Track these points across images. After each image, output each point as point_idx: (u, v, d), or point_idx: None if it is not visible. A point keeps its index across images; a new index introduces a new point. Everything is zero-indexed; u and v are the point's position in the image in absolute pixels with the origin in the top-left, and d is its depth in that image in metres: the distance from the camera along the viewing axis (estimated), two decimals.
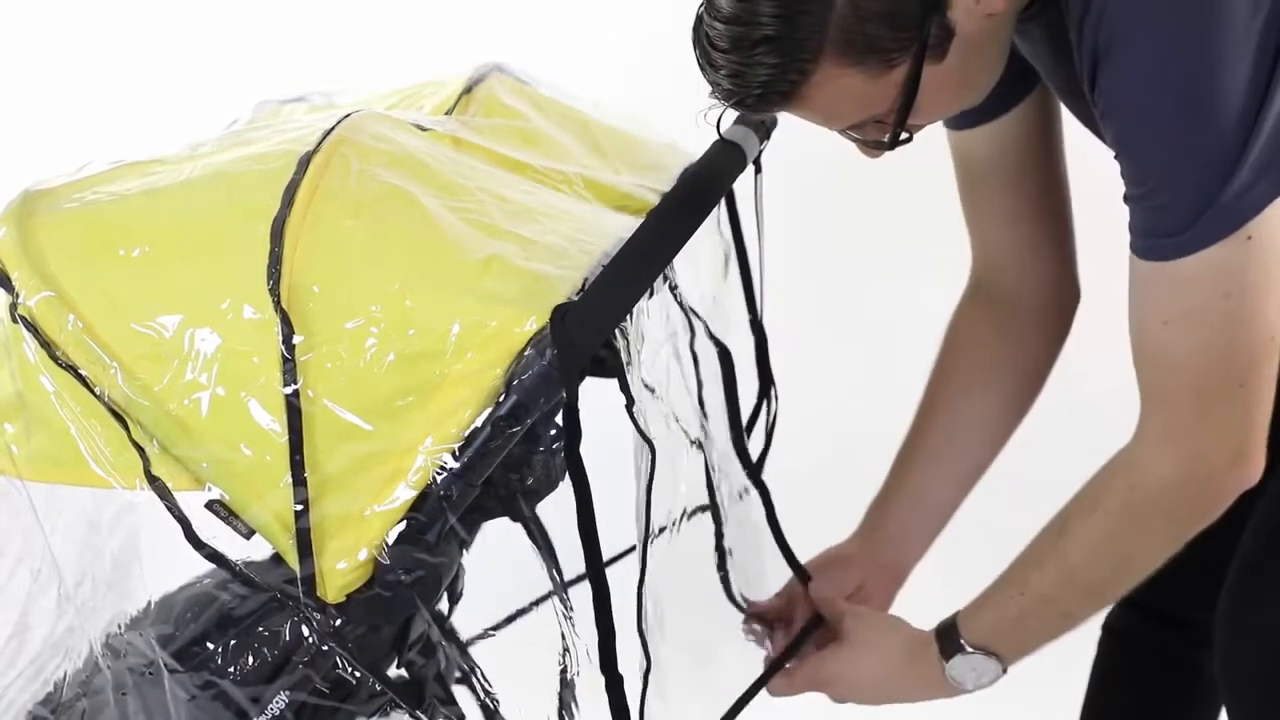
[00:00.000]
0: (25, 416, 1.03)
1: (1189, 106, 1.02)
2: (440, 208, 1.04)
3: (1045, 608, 1.18)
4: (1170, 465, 1.11)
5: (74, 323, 1.01)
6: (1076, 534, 1.16)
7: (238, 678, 1.06)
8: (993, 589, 1.22)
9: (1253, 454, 1.11)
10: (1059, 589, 1.17)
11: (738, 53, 1.02)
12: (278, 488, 1.00)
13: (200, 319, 1.00)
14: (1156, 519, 1.13)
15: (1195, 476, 1.11)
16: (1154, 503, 1.12)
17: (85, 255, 1.03)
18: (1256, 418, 1.10)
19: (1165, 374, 1.10)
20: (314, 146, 1.03)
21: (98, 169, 1.09)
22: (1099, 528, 1.15)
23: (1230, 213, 1.03)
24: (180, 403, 1.00)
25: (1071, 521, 1.17)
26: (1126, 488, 1.13)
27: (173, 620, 1.08)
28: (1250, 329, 1.07)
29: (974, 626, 1.22)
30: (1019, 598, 1.19)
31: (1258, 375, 1.08)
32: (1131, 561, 1.16)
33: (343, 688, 1.07)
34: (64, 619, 1.06)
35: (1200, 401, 1.09)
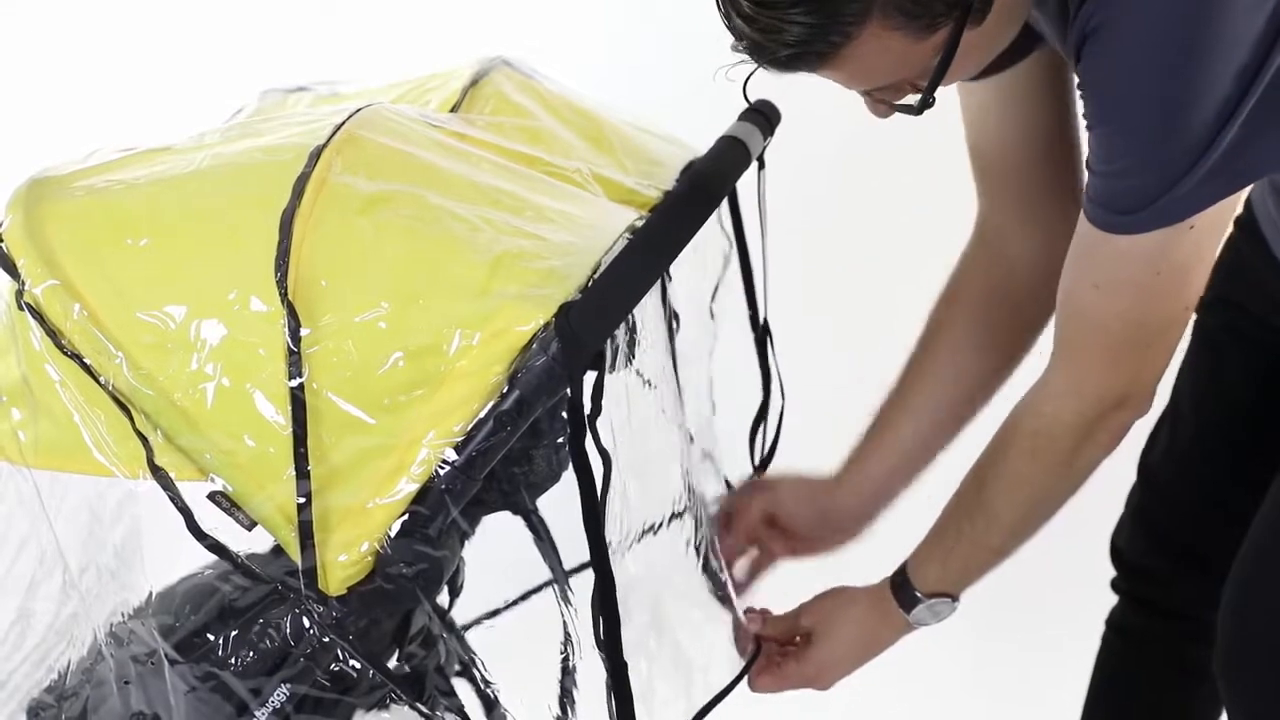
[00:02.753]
0: (30, 403, 1.03)
1: (1166, 100, 1.04)
2: (449, 205, 1.04)
3: (981, 551, 1.27)
4: (1072, 413, 1.18)
5: (79, 311, 1.01)
6: (991, 483, 1.24)
7: (238, 669, 1.06)
8: (932, 540, 1.30)
9: (1147, 397, 1.19)
10: (988, 533, 1.26)
11: (774, 9, 0.99)
12: (281, 480, 1.00)
13: (207, 309, 1.00)
14: (1060, 460, 1.21)
15: (1094, 421, 1.18)
16: (1057, 446, 1.20)
17: (92, 243, 1.03)
18: (1156, 370, 1.18)
19: (1083, 331, 1.17)
20: (324, 140, 1.03)
21: (105, 156, 1.09)
22: (1010, 473, 1.23)
23: (1182, 205, 1.07)
24: (185, 393, 1.00)
25: (985, 470, 1.25)
26: (1031, 434, 1.21)
27: (174, 611, 1.08)
28: (1172, 301, 1.14)
29: (923, 578, 1.29)
30: (955, 547, 1.27)
31: (1166, 339, 1.17)
32: (1044, 499, 1.24)
33: (343, 680, 1.07)
34: (68, 606, 1.06)
35: (1109, 358, 1.16)
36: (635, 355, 1.20)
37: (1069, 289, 1.17)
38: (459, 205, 1.05)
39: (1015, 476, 1.23)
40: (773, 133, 1.28)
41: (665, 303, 1.23)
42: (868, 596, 1.33)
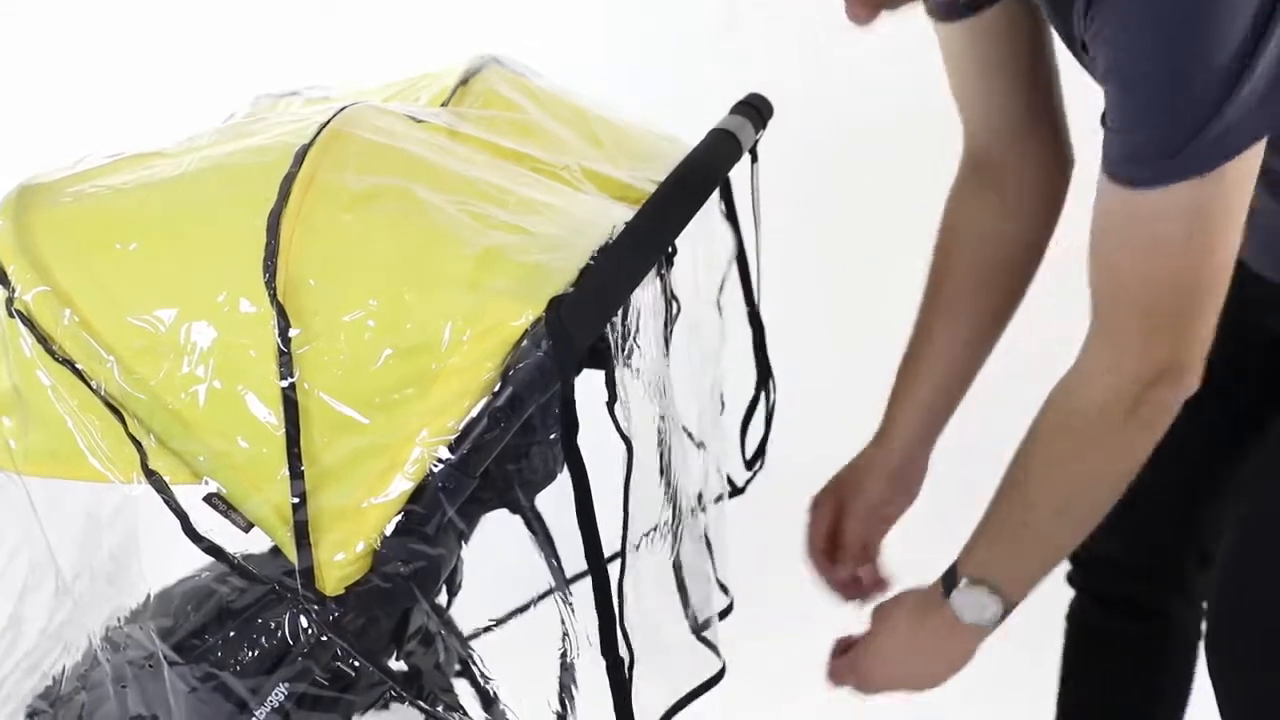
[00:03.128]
0: (22, 411, 1.03)
1: (1184, 42, 1.01)
2: (436, 200, 1.04)
3: (1027, 538, 1.21)
4: (1110, 390, 1.14)
5: (70, 317, 1.01)
6: (1032, 467, 1.19)
7: (237, 669, 1.06)
8: (980, 524, 1.24)
9: (1192, 370, 1.13)
10: (1031, 518, 1.20)
11: None
12: (275, 481, 1.00)
13: (196, 312, 1.00)
14: (1099, 442, 1.16)
15: (1134, 400, 1.13)
16: (1096, 428, 1.15)
17: (81, 249, 1.03)
18: (1199, 340, 1.12)
19: (1116, 304, 1.13)
20: (310, 139, 1.03)
21: (94, 162, 1.09)
22: (1048, 456, 1.18)
23: (1211, 151, 1.04)
24: (177, 396, 1.00)
25: (1026, 454, 1.20)
26: (1068, 413, 1.17)
27: (172, 613, 1.08)
28: (1207, 261, 1.09)
29: (968, 560, 1.24)
30: (1001, 531, 1.22)
31: (1202, 305, 1.11)
32: (1088, 484, 1.19)
33: (343, 678, 1.07)
34: (60, 612, 1.06)
35: (1145, 329, 1.11)
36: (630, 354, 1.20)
37: (1098, 261, 1.13)
38: (446, 199, 1.05)
39: (1054, 459, 1.19)
40: (765, 125, 1.27)
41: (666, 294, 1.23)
42: (917, 593, 1.31)
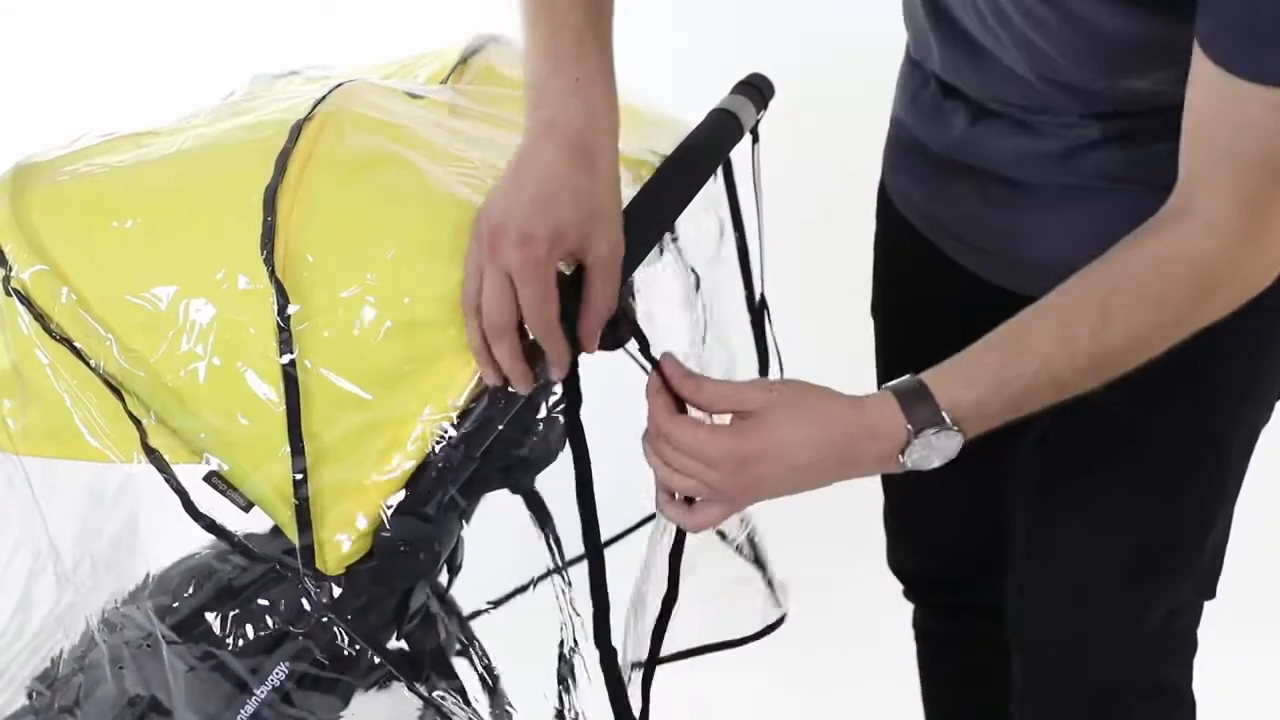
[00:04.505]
0: (21, 390, 1.03)
1: None
2: (432, 173, 1.04)
3: (1051, 390, 1.01)
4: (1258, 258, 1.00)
5: (67, 295, 1.00)
6: (1125, 324, 0.99)
7: (237, 649, 1.05)
8: (989, 368, 1.01)
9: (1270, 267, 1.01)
10: (1080, 375, 1.01)
11: None
12: (275, 459, 1.00)
13: (195, 289, 1.00)
14: (1217, 300, 1.01)
15: (1230, 262, 0.99)
16: (1228, 290, 1.00)
17: (78, 227, 1.02)
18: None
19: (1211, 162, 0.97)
20: (306, 115, 1.03)
21: (91, 141, 1.09)
22: (1156, 318, 1.00)
23: None
24: (176, 374, 1.00)
25: (1118, 312, 0.99)
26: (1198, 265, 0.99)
27: (171, 592, 1.08)
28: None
29: (958, 400, 1.00)
30: (1026, 378, 1.00)
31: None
32: (1169, 343, 1.02)
33: (342, 659, 1.06)
34: (65, 595, 1.06)
35: (1248, 196, 0.97)
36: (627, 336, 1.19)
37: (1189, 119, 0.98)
38: (443, 174, 1.04)
39: (1157, 323, 1.00)
40: (766, 106, 1.27)
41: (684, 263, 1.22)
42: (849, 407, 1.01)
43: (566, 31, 1.02)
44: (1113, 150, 1.02)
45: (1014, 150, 1.16)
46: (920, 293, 1.35)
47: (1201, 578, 1.28)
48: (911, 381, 1.01)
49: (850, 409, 1.00)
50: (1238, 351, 1.17)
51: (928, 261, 1.30)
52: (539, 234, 0.96)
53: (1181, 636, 1.31)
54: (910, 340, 1.37)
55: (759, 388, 1.03)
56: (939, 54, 1.19)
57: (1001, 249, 1.22)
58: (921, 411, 0.99)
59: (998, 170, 1.19)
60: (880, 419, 0.99)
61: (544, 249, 0.96)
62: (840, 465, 1.00)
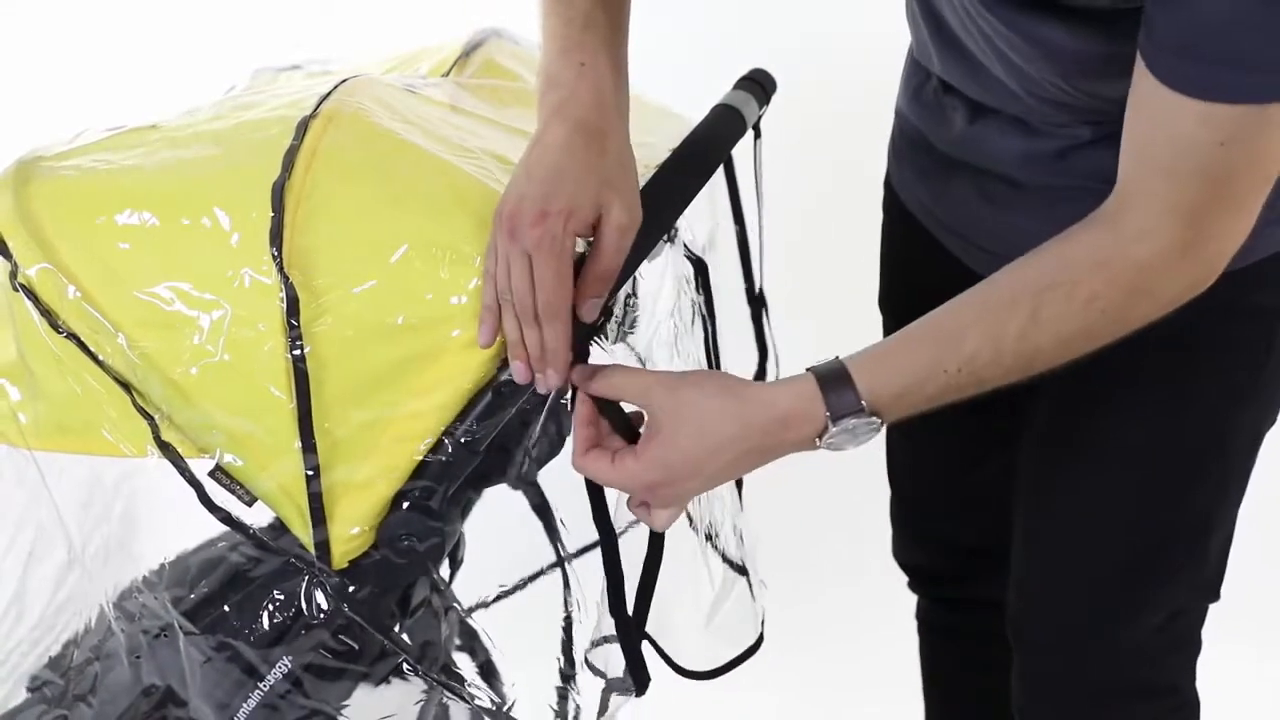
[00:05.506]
0: (31, 384, 1.03)
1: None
2: (436, 169, 1.04)
3: (973, 385, 1.01)
4: (1190, 271, 0.99)
5: (74, 292, 1.00)
6: (1053, 323, 0.99)
7: (250, 638, 1.06)
8: (915, 360, 1.01)
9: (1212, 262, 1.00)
10: (1003, 372, 1.01)
11: None
12: (283, 455, 1.00)
13: (202, 286, 1.00)
14: (1149, 305, 1.01)
15: (1160, 269, 0.99)
16: (1156, 299, 1.00)
17: (82, 223, 1.02)
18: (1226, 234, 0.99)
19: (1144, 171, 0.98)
20: (311, 111, 1.03)
21: (94, 136, 1.08)
22: (1085, 320, 1.00)
23: None
24: (185, 370, 1.00)
25: (1048, 309, 0.99)
26: (1132, 271, 0.99)
27: (186, 582, 1.08)
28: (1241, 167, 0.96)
29: (879, 388, 0.99)
30: (951, 373, 1.00)
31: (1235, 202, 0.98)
32: (1094, 346, 1.02)
33: (349, 650, 1.07)
34: (66, 585, 1.06)
35: (1181, 207, 0.97)
36: (632, 327, 1.20)
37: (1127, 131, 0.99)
38: (447, 170, 1.04)
39: (1086, 322, 0.99)
40: (769, 101, 1.27)
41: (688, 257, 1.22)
42: (760, 397, 1.00)
43: (577, 19, 1.03)
44: (1104, 151, 1.03)
45: (1011, 149, 1.17)
46: (925, 287, 1.35)
47: (1205, 579, 1.28)
48: (834, 365, 1.00)
49: (762, 405, 0.99)
50: (1241, 354, 1.18)
51: (932, 256, 1.30)
52: (553, 208, 0.96)
53: (1184, 637, 1.31)
54: None
55: (662, 385, 1.01)
56: (938, 60, 1.20)
57: (1002, 247, 1.23)
58: (843, 399, 0.98)
59: (997, 168, 1.19)
60: (797, 407, 0.99)
61: (559, 222, 0.96)
62: (759, 455, 1.00)
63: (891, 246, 1.40)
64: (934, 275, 1.32)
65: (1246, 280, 1.06)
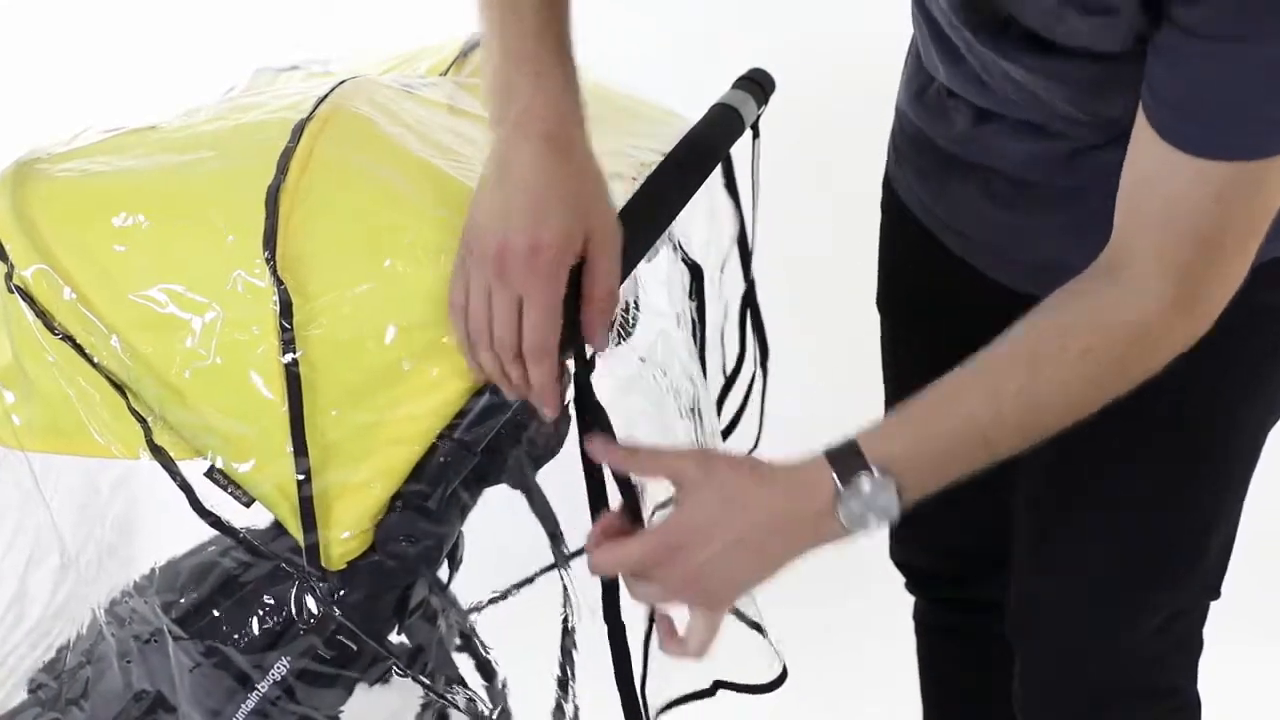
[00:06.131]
0: (25, 385, 1.03)
1: None
2: (433, 174, 1.04)
3: (981, 448, 1.00)
4: (1185, 327, 0.99)
5: (69, 293, 1.01)
6: (1052, 379, 0.99)
7: (241, 644, 1.06)
8: (916, 420, 1.01)
9: (1211, 313, 1.01)
10: (1008, 433, 1.00)
11: None
12: (278, 458, 1.00)
13: (197, 289, 1.00)
14: (1147, 361, 1.01)
15: (1157, 325, 0.99)
16: (1154, 355, 1.00)
17: (80, 225, 1.02)
18: (1220, 285, 1.00)
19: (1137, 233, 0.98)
20: (308, 114, 1.03)
21: (92, 138, 1.09)
22: (1083, 374, 0.99)
23: None
24: (179, 373, 1.00)
25: (1046, 366, 0.99)
26: (1128, 327, 0.99)
27: (177, 587, 1.08)
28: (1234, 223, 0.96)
29: (879, 446, 0.98)
30: (955, 432, 1.00)
31: (1227, 257, 0.99)
32: (1100, 402, 1.02)
33: (345, 654, 1.07)
34: (64, 587, 1.06)
35: (1163, 263, 0.98)
36: (632, 328, 1.20)
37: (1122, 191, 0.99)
38: (441, 176, 1.04)
39: (1086, 377, 0.99)
40: (767, 101, 1.27)
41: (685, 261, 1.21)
42: (773, 471, 0.99)
43: (528, 31, 1.00)
44: (1114, 153, 1.03)
45: (1020, 150, 1.16)
46: (924, 287, 1.35)
47: (1206, 578, 1.28)
48: (843, 439, 1.00)
49: (782, 472, 0.99)
50: (1246, 352, 1.17)
51: (931, 256, 1.30)
52: (543, 241, 0.94)
53: (1185, 638, 1.30)
54: (915, 335, 1.37)
55: (695, 457, 1.01)
56: (945, 75, 1.20)
57: (1004, 247, 1.22)
58: (848, 463, 0.97)
59: (1003, 168, 1.19)
60: (808, 475, 0.98)
61: (553, 258, 0.95)
62: (781, 532, 0.98)
63: (890, 246, 1.40)
64: (933, 275, 1.31)
65: (1254, 280, 1.05)
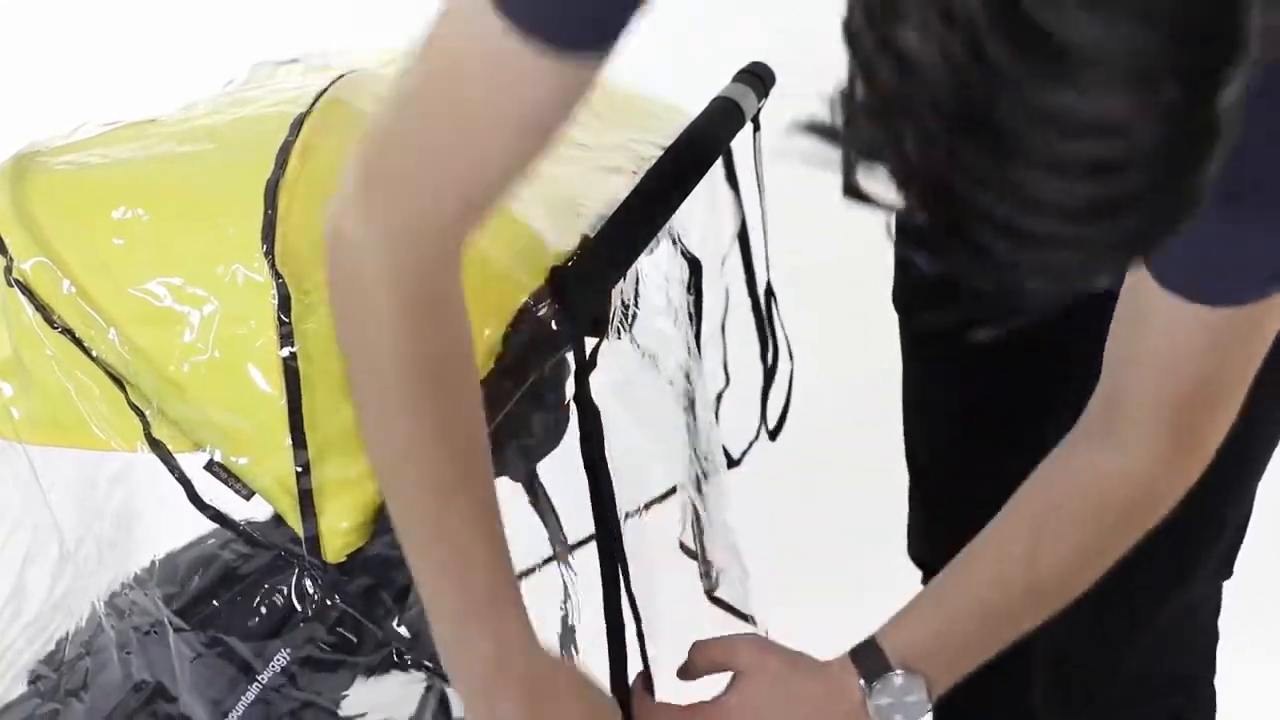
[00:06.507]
0: (24, 378, 1.03)
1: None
2: None
3: (1005, 624, 1.03)
4: (1183, 475, 0.99)
5: (69, 287, 1.01)
6: (1056, 548, 1.01)
7: (242, 634, 1.06)
8: (929, 611, 1.04)
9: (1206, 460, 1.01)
10: (1021, 607, 1.02)
11: None
12: (277, 451, 1.00)
13: (195, 283, 1.00)
14: (1148, 518, 1.02)
15: (1152, 489, 1.00)
16: (1155, 509, 1.01)
17: (79, 218, 1.03)
18: (1216, 433, 0.99)
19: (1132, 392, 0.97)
20: (307, 108, 1.03)
21: (91, 131, 1.09)
22: (1085, 545, 1.01)
23: None
24: (178, 367, 1.00)
25: (1049, 536, 1.01)
26: (1130, 501, 1.00)
27: (177, 580, 1.09)
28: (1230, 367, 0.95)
29: (900, 644, 1.02)
30: (970, 614, 1.03)
31: (1224, 402, 0.97)
32: (1102, 569, 1.03)
33: (346, 642, 1.07)
34: (62, 580, 1.06)
35: (1169, 422, 0.97)
36: (632, 323, 1.20)
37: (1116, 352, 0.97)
38: None
39: (1088, 547, 1.01)
40: (767, 94, 1.27)
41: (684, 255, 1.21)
42: (815, 665, 1.05)
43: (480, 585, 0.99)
44: None
45: None
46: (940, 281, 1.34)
47: (1219, 557, 1.26)
48: (867, 639, 1.03)
49: (813, 678, 1.04)
50: None
51: None
52: None
53: (1201, 628, 1.30)
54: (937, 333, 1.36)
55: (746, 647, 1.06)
56: None
57: None
58: (871, 661, 1.01)
59: None
60: (838, 678, 1.02)
61: None
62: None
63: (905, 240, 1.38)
64: None
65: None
